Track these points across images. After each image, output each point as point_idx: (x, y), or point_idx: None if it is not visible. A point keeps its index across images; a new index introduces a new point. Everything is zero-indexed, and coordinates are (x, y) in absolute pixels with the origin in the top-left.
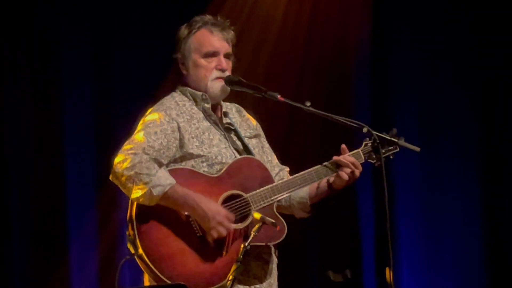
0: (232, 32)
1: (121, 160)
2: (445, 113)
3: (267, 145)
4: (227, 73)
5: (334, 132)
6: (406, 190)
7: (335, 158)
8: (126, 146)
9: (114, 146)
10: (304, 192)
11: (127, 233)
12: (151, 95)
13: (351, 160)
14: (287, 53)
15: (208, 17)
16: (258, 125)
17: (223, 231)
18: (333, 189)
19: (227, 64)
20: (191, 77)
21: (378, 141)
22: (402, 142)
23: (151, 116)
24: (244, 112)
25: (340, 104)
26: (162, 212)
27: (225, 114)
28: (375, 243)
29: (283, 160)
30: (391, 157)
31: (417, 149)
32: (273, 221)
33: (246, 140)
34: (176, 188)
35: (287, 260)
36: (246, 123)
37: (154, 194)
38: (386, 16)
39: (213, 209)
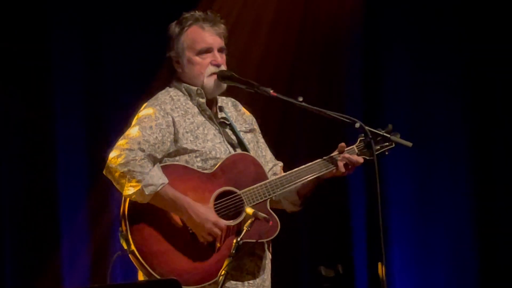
0: (223, 25)
1: (116, 156)
2: (436, 110)
3: (262, 140)
4: (223, 67)
5: (326, 127)
6: (397, 185)
7: (341, 155)
8: (121, 141)
9: (106, 142)
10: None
11: (120, 229)
12: (143, 92)
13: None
14: (279, 48)
15: (198, 13)
16: (254, 119)
17: (211, 239)
18: (320, 180)
19: (221, 59)
20: (187, 75)
21: (370, 137)
22: (394, 137)
23: (146, 111)
24: (240, 106)
25: (332, 99)
26: (155, 209)
27: (221, 109)
28: (367, 238)
29: (275, 155)
30: (386, 153)
31: (409, 144)
32: (266, 216)
33: (241, 135)
34: (167, 190)
35: (279, 256)
36: (242, 118)
37: (146, 193)
38: (378, 11)
39: (202, 217)
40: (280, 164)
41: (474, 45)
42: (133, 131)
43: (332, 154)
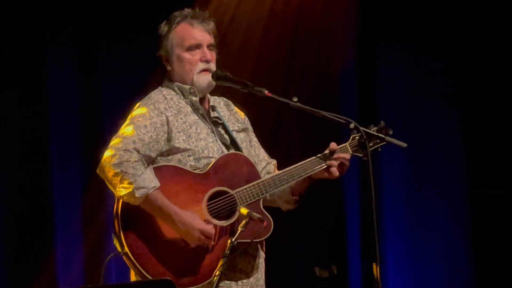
0: (212, 23)
1: (110, 155)
2: (431, 109)
3: (255, 138)
4: (212, 64)
5: (321, 127)
6: (392, 185)
7: (335, 154)
8: (115, 140)
9: (100, 142)
10: None
11: (113, 229)
12: (137, 92)
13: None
14: (274, 48)
15: (187, 10)
16: (246, 118)
17: (203, 245)
18: (313, 179)
19: (211, 55)
20: (176, 73)
21: (365, 137)
22: (388, 138)
23: (140, 110)
24: (233, 106)
25: (327, 99)
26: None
27: (213, 108)
28: (361, 239)
29: (270, 155)
30: (379, 149)
31: (404, 145)
32: (260, 216)
33: (234, 134)
34: (157, 196)
35: (273, 256)
36: (235, 117)
37: (137, 195)
38: (373, 10)
39: (188, 225)
40: (274, 162)
41: (469, 44)
42: (127, 130)
43: (323, 153)
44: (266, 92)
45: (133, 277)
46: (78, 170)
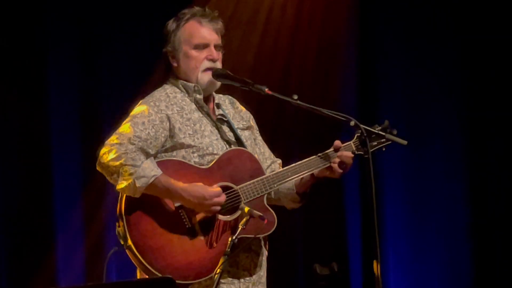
0: (221, 23)
1: (107, 151)
2: (431, 108)
3: (259, 137)
4: (218, 63)
5: (321, 126)
6: (392, 183)
7: (338, 152)
8: (112, 137)
9: (101, 140)
10: (290, 183)
11: (117, 224)
12: (138, 90)
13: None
14: (274, 46)
15: (196, 8)
16: (252, 117)
17: (216, 209)
18: (316, 178)
19: (217, 55)
20: (182, 69)
21: (365, 135)
22: (389, 135)
23: (139, 108)
24: (238, 104)
25: (327, 97)
26: (151, 204)
27: (218, 106)
28: (362, 237)
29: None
30: (384, 149)
31: (404, 142)
32: (261, 214)
33: (238, 132)
34: (160, 179)
35: (274, 253)
36: (239, 115)
37: (138, 185)
38: (374, 10)
39: (199, 195)
40: (279, 161)
41: (470, 41)
42: (124, 127)
43: (328, 151)
44: (266, 90)
45: (139, 275)
46: (79, 167)
